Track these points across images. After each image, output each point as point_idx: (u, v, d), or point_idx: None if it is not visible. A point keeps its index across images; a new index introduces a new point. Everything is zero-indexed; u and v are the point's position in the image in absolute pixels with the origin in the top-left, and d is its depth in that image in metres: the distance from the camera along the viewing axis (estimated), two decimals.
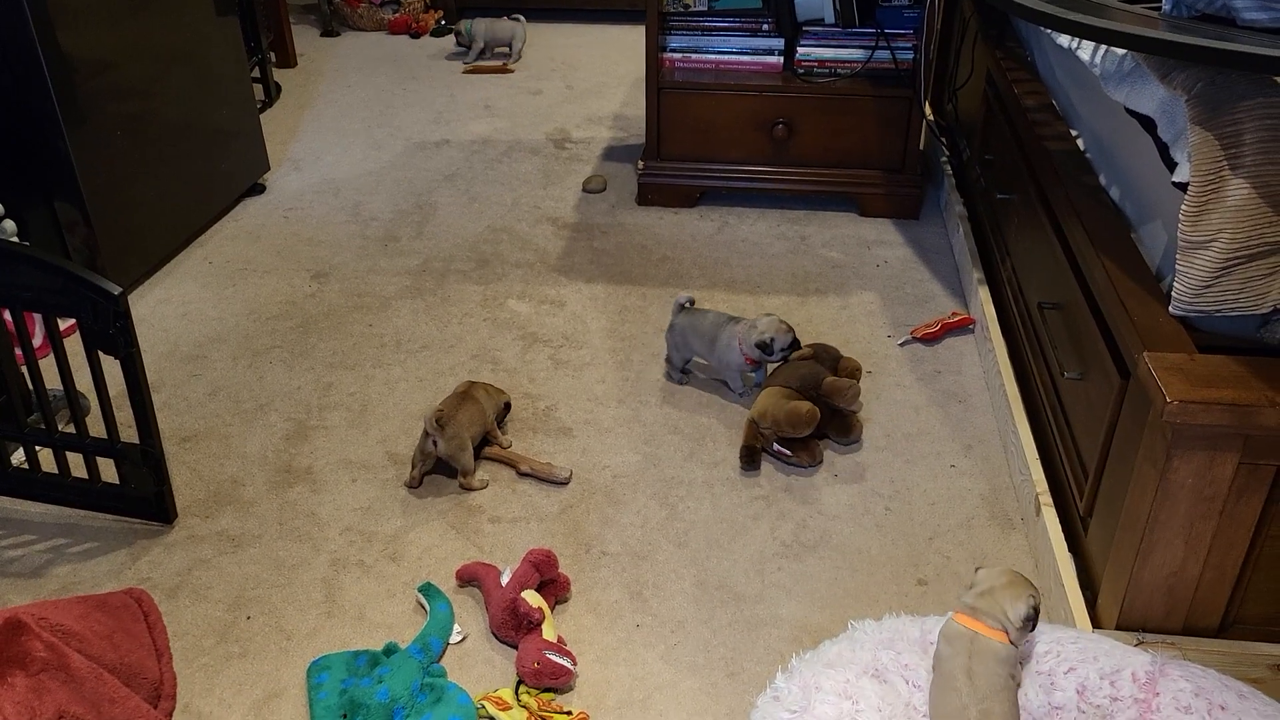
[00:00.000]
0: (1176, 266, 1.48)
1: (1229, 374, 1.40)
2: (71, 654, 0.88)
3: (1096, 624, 1.67)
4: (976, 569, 1.45)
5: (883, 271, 2.86)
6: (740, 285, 2.79)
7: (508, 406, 2.27)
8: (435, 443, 2.06)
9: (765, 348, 2.26)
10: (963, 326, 2.59)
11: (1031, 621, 1.38)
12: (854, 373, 2.28)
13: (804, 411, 2.12)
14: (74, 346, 2.35)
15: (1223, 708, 1.40)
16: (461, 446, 2.07)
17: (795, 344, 2.29)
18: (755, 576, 1.93)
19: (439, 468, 2.16)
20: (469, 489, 2.10)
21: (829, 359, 2.29)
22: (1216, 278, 1.44)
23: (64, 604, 0.99)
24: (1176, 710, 1.41)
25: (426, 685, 1.67)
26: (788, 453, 2.17)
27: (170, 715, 1.01)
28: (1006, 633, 1.37)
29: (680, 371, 2.43)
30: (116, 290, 1.76)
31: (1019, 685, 1.39)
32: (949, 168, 3.14)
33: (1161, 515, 1.49)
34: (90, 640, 0.94)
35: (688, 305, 2.40)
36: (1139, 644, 1.56)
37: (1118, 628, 1.61)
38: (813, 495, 2.11)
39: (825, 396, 2.19)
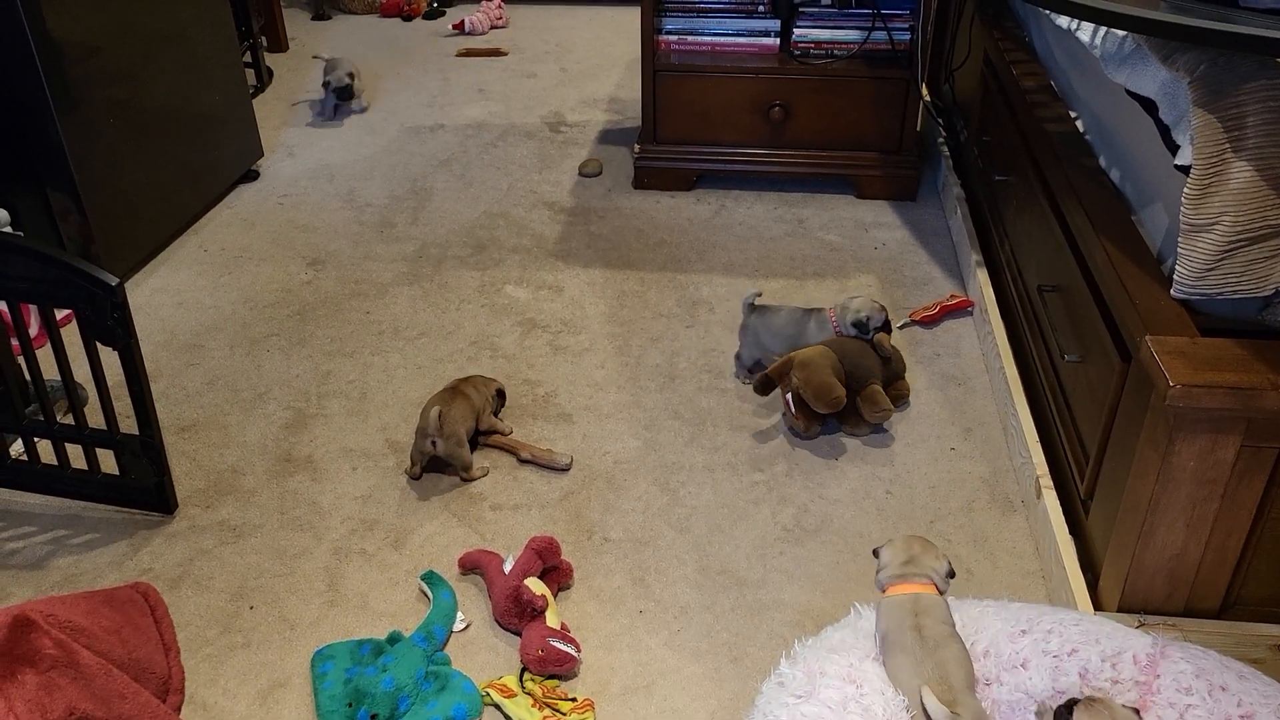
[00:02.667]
0: (1178, 249, 1.48)
1: (1231, 357, 1.40)
2: (80, 650, 0.88)
3: (1098, 606, 1.67)
4: (875, 551, 1.55)
5: (881, 254, 2.86)
6: (738, 269, 2.79)
7: (501, 394, 2.26)
8: (434, 443, 2.06)
9: (861, 326, 2.23)
10: (961, 309, 2.59)
11: (952, 574, 1.50)
12: (900, 397, 2.27)
13: (832, 396, 2.11)
14: (71, 337, 2.34)
15: (1223, 688, 1.41)
16: (459, 443, 2.07)
17: (888, 325, 2.27)
18: (757, 561, 1.93)
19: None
20: (470, 480, 2.10)
21: (893, 370, 2.27)
22: (1219, 260, 1.44)
23: (71, 600, 0.99)
24: (1177, 692, 1.42)
25: (431, 673, 1.67)
26: (792, 409, 2.17)
27: (179, 709, 1.01)
28: (937, 586, 1.46)
29: (749, 371, 2.39)
30: (114, 281, 1.75)
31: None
32: (946, 149, 3.13)
33: (1163, 498, 1.49)
34: (98, 636, 0.94)
35: (756, 302, 2.35)
36: (1140, 626, 1.57)
37: (1119, 610, 1.62)
38: (814, 479, 2.12)
39: (859, 398, 2.18)
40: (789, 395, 2.18)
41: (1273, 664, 1.57)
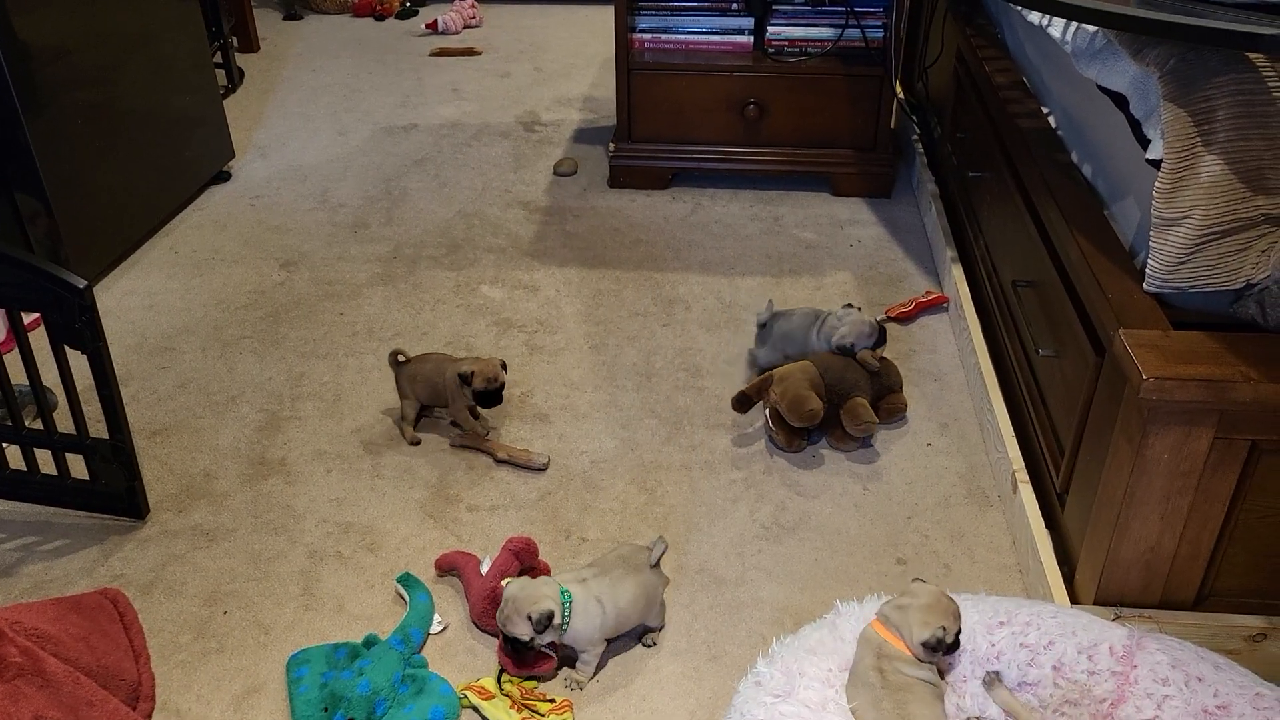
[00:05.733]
0: (1150, 243, 1.49)
1: (1204, 350, 1.41)
2: (47, 658, 0.86)
3: (1074, 599, 1.68)
4: (913, 580, 1.48)
5: (856, 251, 2.86)
6: (714, 267, 2.79)
7: (464, 379, 2.11)
8: (400, 356, 2.19)
9: (845, 351, 2.21)
10: (937, 305, 2.60)
11: (936, 650, 1.39)
12: (895, 411, 2.23)
13: (806, 410, 2.09)
14: (39, 341, 2.31)
15: (1199, 679, 1.41)
16: (412, 380, 2.18)
17: (881, 339, 2.24)
18: (735, 559, 1.93)
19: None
20: (402, 432, 2.19)
21: (885, 384, 2.22)
22: (1190, 254, 1.45)
23: (38, 607, 0.97)
24: (1154, 682, 1.43)
25: (408, 676, 1.66)
26: (772, 425, 2.17)
27: (150, 717, 0.99)
28: (908, 648, 1.39)
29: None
30: (82, 284, 1.72)
31: (941, 691, 1.41)
32: (921, 146, 3.15)
33: (1138, 491, 1.50)
34: (66, 643, 0.93)
35: (771, 312, 2.33)
36: (1116, 618, 1.58)
37: (1095, 603, 1.63)
38: (791, 477, 2.12)
39: (842, 411, 2.14)
40: (768, 410, 2.18)
41: (1248, 655, 1.58)
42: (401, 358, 2.20)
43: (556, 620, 1.62)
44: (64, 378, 1.86)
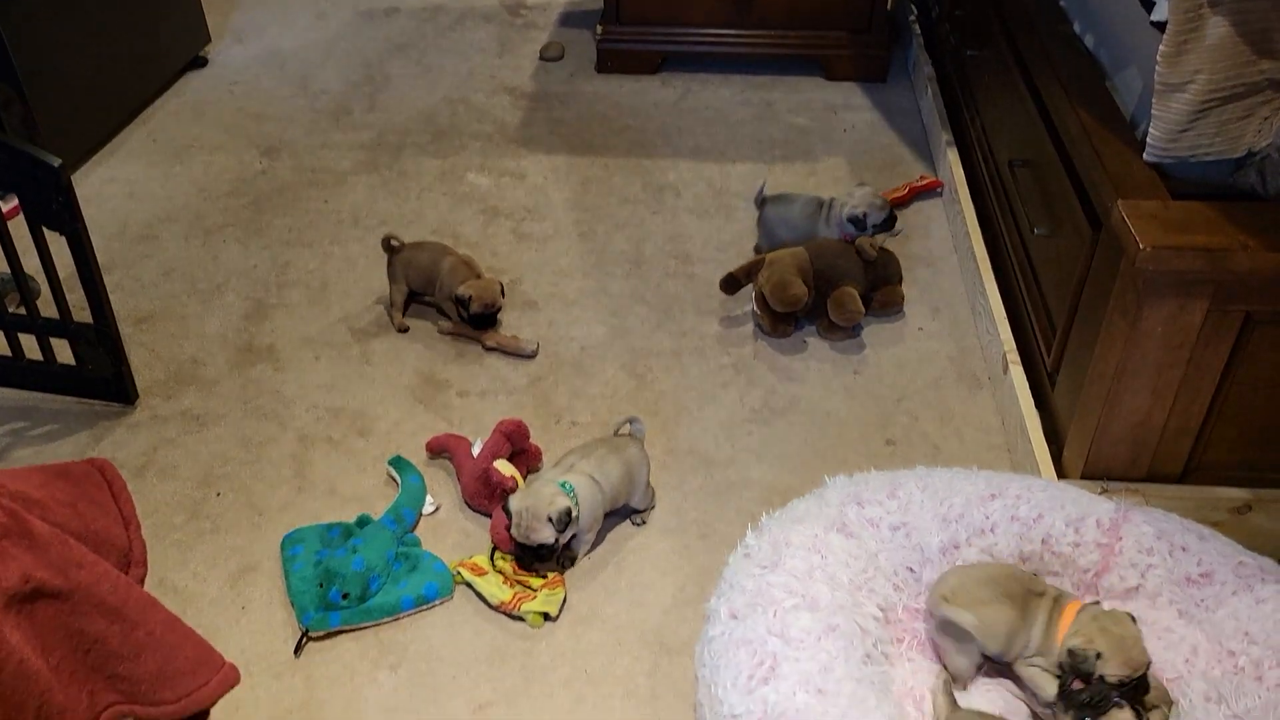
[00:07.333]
0: (1152, 111, 1.45)
1: (1202, 219, 1.39)
2: (34, 520, 0.86)
3: (1062, 475, 1.69)
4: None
5: (850, 136, 2.81)
6: (705, 153, 2.73)
7: (461, 301, 2.09)
8: (394, 242, 2.17)
9: (858, 223, 2.16)
10: (930, 190, 2.56)
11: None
12: (889, 304, 2.17)
13: (789, 295, 2.07)
14: (20, 230, 2.26)
15: (1184, 549, 1.43)
16: (406, 266, 2.17)
17: (889, 222, 2.19)
18: (725, 442, 1.94)
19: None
20: (391, 318, 2.18)
21: (882, 275, 2.15)
22: (1193, 120, 1.41)
23: (23, 473, 0.97)
24: (1139, 553, 1.45)
25: (401, 554, 1.67)
26: (758, 310, 2.15)
27: (142, 582, 0.99)
28: None
29: None
30: (56, 162, 1.68)
31: None
32: (917, 28, 3.06)
33: (1129, 365, 1.50)
34: (52, 508, 0.92)
35: (766, 194, 2.27)
36: (1103, 492, 1.59)
37: (1083, 478, 1.64)
38: (781, 362, 2.11)
39: (830, 300, 2.11)
40: (755, 293, 2.16)
41: (1233, 525, 1.60)
42: (395, 243, 2.16)
43: (575, 513, 1.62)
44: (43, 260, 1.82)
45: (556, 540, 1.60)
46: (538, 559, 1.63)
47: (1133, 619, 1.31)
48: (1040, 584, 1.38)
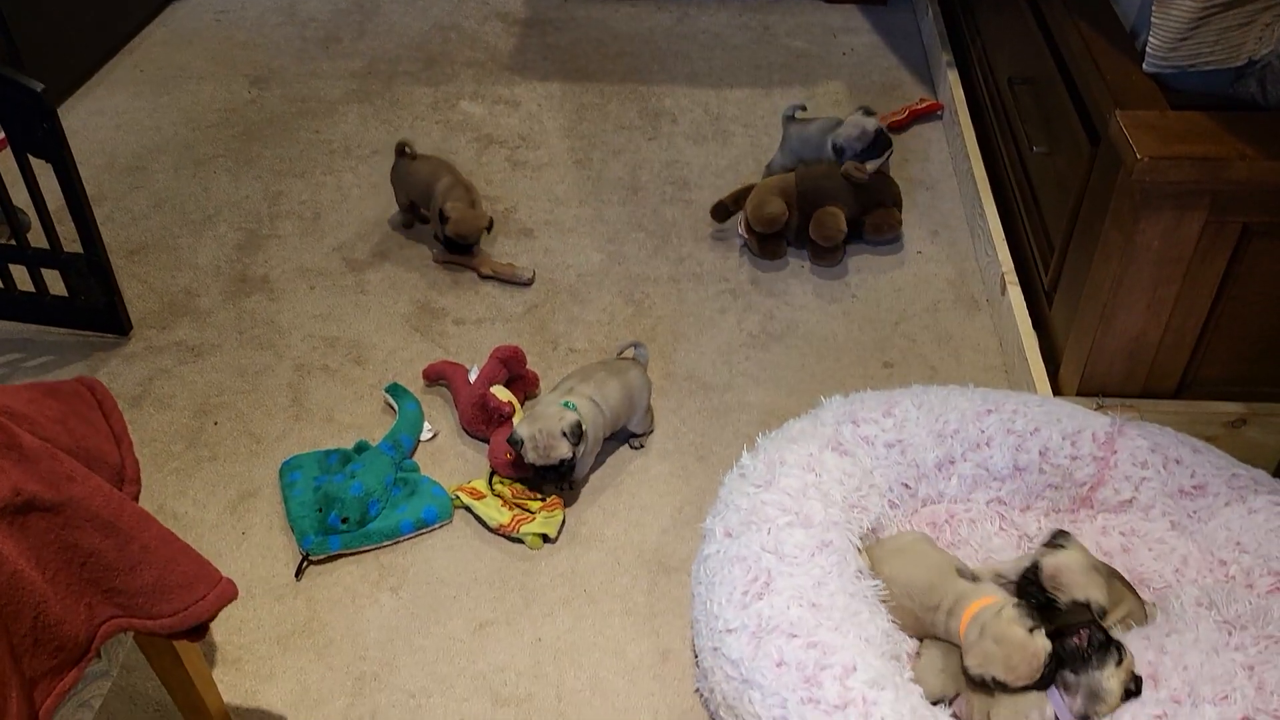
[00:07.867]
0: (1151, 19, 1.42)
1: (1201, 129, 1.37)
2: (23, 434, 0.86)
3: (1058, 393, 1.69)
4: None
5: (849, 60, 2.76)
6: (702, 79, 2.69)
7: (443, 217, 2.09)
8: (407, 149, 2.18)
9: (839, 152, 2.11)
10: (930, 113, 2.52)
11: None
12: (882, 228, 2.12)
13: (765, 213, 2.07)
14: (8, 163, 2.24)
15: (1178, 461, 1.44)
16: (405, 174, 2.17)
17: (874, 147, 2.10)
18: (723, 366, 1.94)
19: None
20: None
21: (875, 198, 2.11)
22: (1192, 29, 1.38)
23: (10, 390, 0.97)
24: (1133, 466, 1.45)
25: (400, 479, 1.68)
26: (744, 233, 2.14)
27: (136, 499, 1.00)
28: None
29: None
30: (39, 87, 1.65)
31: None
32: None
33: (1126, 280, 1.49)
34: (42, 424, 0.92)
35: (797, 115, 2.23)
36: (1099, 407, 1.59)
37: (1079, 395, 1.64)
38: (779, 287, 2.10)
39: (811, 220, 2.09)
40: (742, 219, 2.14)
41: (1227, 439, 1.61)
42: (409, 150, 2.17)
43: (585, 426, 1.62)
44: (30, 188, 1.80)
45: (574, 454, 1.61)
46: (559, 476, 1.64)
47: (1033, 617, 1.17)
48: (953, 579, 1.27)
